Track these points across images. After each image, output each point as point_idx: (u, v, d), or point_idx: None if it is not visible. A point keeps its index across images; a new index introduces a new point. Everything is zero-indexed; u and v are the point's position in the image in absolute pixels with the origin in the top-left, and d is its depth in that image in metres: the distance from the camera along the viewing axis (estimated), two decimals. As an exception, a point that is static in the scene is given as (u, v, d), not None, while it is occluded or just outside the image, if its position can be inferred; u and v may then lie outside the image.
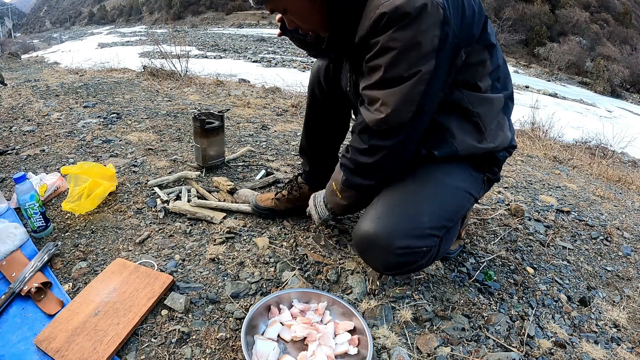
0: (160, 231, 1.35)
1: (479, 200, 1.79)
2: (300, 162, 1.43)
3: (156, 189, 1.57)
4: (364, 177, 0.99)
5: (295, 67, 13.32)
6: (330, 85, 1.26)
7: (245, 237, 1.34)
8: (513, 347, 1.04)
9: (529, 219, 1.73)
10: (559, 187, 2.28)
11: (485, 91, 0.95)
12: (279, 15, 1.03)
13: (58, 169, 1.76)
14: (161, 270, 1.16)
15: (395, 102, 0.84)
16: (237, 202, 1.54)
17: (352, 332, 0.98)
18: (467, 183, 1.01)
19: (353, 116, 1.35)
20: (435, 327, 1.06)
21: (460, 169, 1.00)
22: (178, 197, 1.54)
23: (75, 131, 2.29)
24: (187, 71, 5.17)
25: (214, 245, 1.28)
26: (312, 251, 1.29)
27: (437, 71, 0.81)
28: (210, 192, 1.61)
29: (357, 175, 1.00)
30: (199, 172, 1.77)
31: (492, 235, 1.55)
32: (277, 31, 1.09)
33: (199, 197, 1.54)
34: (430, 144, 0.96)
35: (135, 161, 1.87)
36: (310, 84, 1.34)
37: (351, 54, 1.00)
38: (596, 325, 1.20)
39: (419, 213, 0.94)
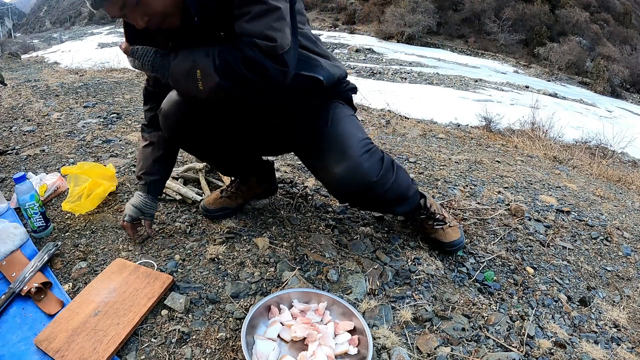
0: (160, 231, 1.35)
1: (480, 201, 1.86)
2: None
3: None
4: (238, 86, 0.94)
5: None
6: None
7: (245, 237, 1.34)
8: (513, 347, 1.04)
9: (529, 219, 1.73)
10: (559, 187, 2.28)
11: (311, 33, 1.16)
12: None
13: (58, 169, 1.76)
14: (161, 270, 1.16)
15: (283, 28, 0.91)
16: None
17: (352, 332, 0.98)
18: (351, 111, 1.24)
19: None
20: (435, 327, 1.06)
21: (343, 106, 1.21)
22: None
23: (75, 131, 2.29)
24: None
25: (214, 245, 1.28)
26: (312, 251, 1.29)
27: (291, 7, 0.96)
28: (209, 183, 1.69)
29: (230, 81, 0.93)
30: (206, 163, 1.79)
31: (492, 235, 1.55)
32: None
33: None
34: (314, 73, 1.09)
35: (135, 161, 1.87)
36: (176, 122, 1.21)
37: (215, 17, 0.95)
38: (596, 325, 1.20)
39: (351, 134, 1.13)
